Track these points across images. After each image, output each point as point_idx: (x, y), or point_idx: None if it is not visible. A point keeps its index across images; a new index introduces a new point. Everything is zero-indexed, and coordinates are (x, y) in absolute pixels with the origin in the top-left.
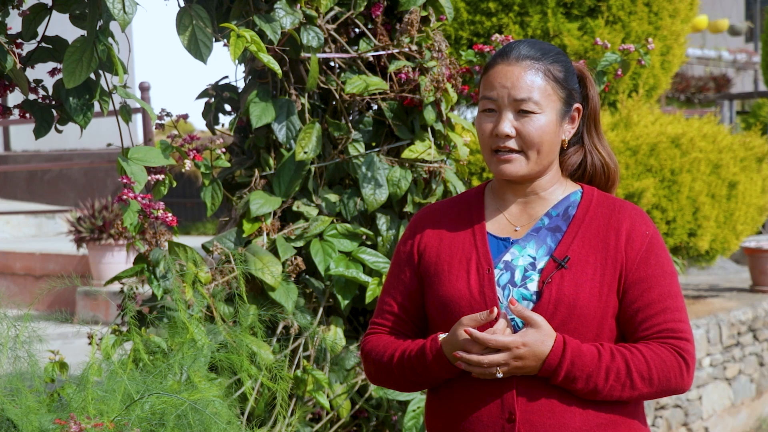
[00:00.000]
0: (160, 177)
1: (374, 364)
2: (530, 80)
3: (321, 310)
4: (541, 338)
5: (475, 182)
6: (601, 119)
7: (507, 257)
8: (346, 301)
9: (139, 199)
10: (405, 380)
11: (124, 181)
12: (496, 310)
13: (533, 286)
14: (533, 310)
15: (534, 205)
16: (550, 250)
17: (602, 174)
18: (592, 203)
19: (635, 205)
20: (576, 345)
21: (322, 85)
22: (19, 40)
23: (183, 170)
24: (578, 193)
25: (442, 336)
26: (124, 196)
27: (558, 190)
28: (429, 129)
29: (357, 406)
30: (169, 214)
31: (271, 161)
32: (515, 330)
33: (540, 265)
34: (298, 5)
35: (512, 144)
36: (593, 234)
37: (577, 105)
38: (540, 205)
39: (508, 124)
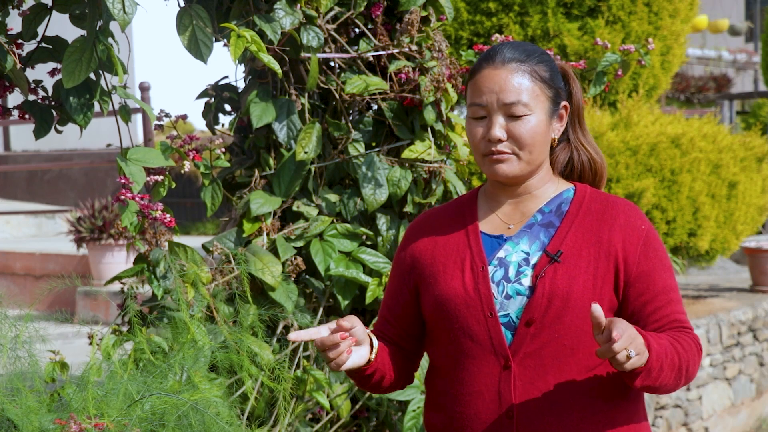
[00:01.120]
0: (159, 178)
1: None
2: (518, 82)
3: (321, 310)
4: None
5: (475, 182)
6: (585, 116)
7: (500, 254)
8: (346, 302)
9: (137, 199)
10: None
11: (123, 181)
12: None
13: (527, 281)
14: (527, 304)
15: (526, 203)
16: (543, 245)
17: (590, 169)
18: (585, 199)
19: (628, 200)
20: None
21: (322, 85)
22: (19, 40)
23: (182, 171)
24: (571, 191)
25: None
26: (122, 197)
27: (550, 188)
28: (429, 129)
29: (357, 405)
30: (168, 216)
31: (271, 161)
32: (513, 328)
33: (533, 260)
34: (298, 5)
35: (504, 147)
36: (587, 228)
37: (564, 103)
38: (532, 203)
39: (499, 128)
